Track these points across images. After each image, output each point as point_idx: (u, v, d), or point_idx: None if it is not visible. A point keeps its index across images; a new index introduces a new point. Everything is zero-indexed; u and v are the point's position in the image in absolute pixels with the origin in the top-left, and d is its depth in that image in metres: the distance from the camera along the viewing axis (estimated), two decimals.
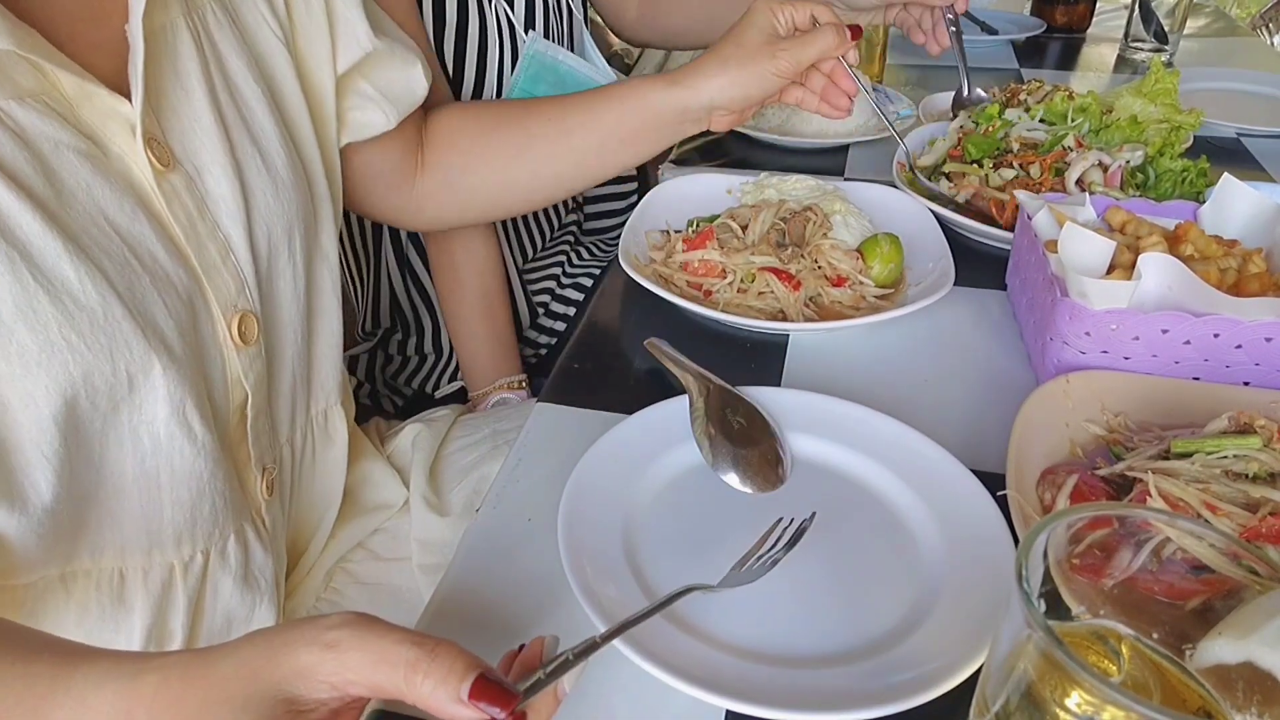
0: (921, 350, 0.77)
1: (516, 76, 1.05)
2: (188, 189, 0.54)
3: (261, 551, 0.63)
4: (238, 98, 0.60)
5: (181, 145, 0.55)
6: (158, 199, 0.53)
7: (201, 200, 0.55)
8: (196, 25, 0.57)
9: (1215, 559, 0.37)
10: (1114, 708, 0.30)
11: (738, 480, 0.60)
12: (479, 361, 1.09)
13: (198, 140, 0.56)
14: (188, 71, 0.56)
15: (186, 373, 0.53)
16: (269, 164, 0.60)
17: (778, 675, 0.47)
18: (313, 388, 0.70)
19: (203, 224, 0.55)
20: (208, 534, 0.59)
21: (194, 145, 0.56)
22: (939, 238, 0.85)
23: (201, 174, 0.56)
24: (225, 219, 0.57)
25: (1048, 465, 0.58)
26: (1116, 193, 0.89)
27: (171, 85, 0.55)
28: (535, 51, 1.04)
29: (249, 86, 0.60)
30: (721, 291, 0.80)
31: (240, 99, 0.60)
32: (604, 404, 0.70)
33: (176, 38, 0.56)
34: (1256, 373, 0.65)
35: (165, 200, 0.53)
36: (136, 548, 0.55)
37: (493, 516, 0.60)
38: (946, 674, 0.45)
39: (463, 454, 0.85)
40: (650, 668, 0.45)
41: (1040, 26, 1.67)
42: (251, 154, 0.59)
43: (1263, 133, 1.19)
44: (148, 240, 0.52)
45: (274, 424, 0.65)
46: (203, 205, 0.55)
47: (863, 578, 0.54)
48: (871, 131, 1.17)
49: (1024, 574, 0.34)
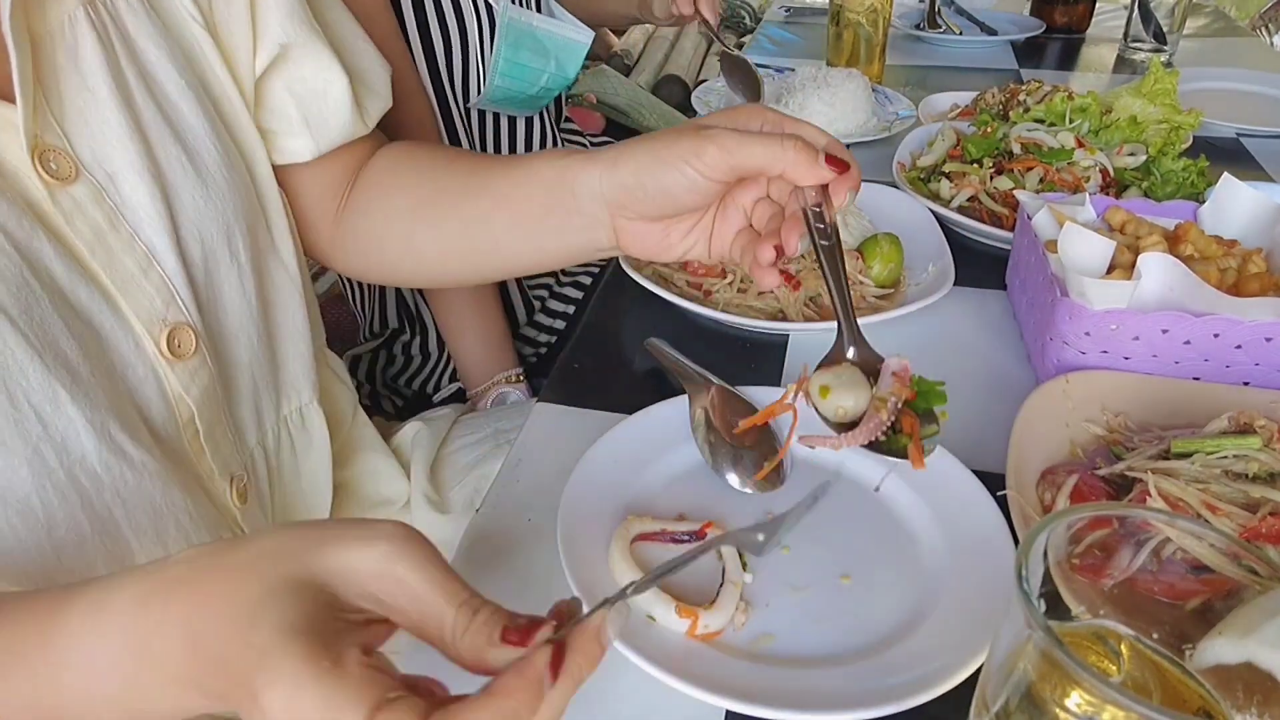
0: (921, 350, 0.77)
1: (498, 47, 1.05)
2: (95, 200, 0.50)
3: None
4: (157, 93, 0.54)
5: (90, 151, 0.50)
6: (56, 215, 0.49)
7: (114, 211, 0.51)
8: (102, 15, 0.52)
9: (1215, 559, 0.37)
10: (1114, 708, 0.30)
11: (738, 480, 0.60)
12: (473, 357, 1.09)
13: (108, 145, 0.51)
14: (91, 69, 0.51)
15: (100, 396, 0.49)
16: (196, 163, 0.56)
17: (778, 675, 0.47)
18: (281, 388, 0.67)
19: (115, 236, 0.51)
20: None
21: (104, 150, 0.51)
22: (939, 238, 0.86)
23: (115, 180, 0.51)
24: (146, 228, 0.52)
25: (1048, 465, 0.58)
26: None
27: (73, 86, 0.50)
28: (510, 19, 1.05)
29: (171, 80, 0.55)
30: (721, 291, 0.80)
31: (160, 94, 0.55)
32: (604, 404, 0.70)
33: (76, 32, 0.50)
34: (1256, 373, 0.65)
35: (65, 216, 0.49)
36: None
37: (493, 516, 0.60)
38: (946, 674, 0.45)
39: (464, 453, 0.85)
40: (650, 668, 0.45)
41: (1040, 27, 1.67)
42: (175, 154, 0.54)
43: (1262, 133, 1.19)
44: (46, 257, 0.48)
45: (237, 431, 0.62)
46: (115, 216, 0.51)
47: (863, 578, 0.54)
48: (872, 132, 1.17)
49: (1024, 574, 0.34)
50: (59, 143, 0.49)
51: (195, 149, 0.56)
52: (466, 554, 0.57)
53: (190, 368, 0.55)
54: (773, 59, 1.58)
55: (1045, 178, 0.93)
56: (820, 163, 0.50)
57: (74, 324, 0.49)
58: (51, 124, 0.49)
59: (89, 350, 0.49)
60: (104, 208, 0.51)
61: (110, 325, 0.51)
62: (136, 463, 0.51)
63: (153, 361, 0.53)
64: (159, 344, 0.53)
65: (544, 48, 1.09)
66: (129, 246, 0.52)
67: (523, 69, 1.09)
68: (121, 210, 0.52)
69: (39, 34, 0.48)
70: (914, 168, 1.03)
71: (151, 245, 0.53)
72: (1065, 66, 1.60)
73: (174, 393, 0.55)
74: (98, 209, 0.50)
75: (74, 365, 0.48)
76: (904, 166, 1.03)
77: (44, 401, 0.47)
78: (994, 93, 1.17)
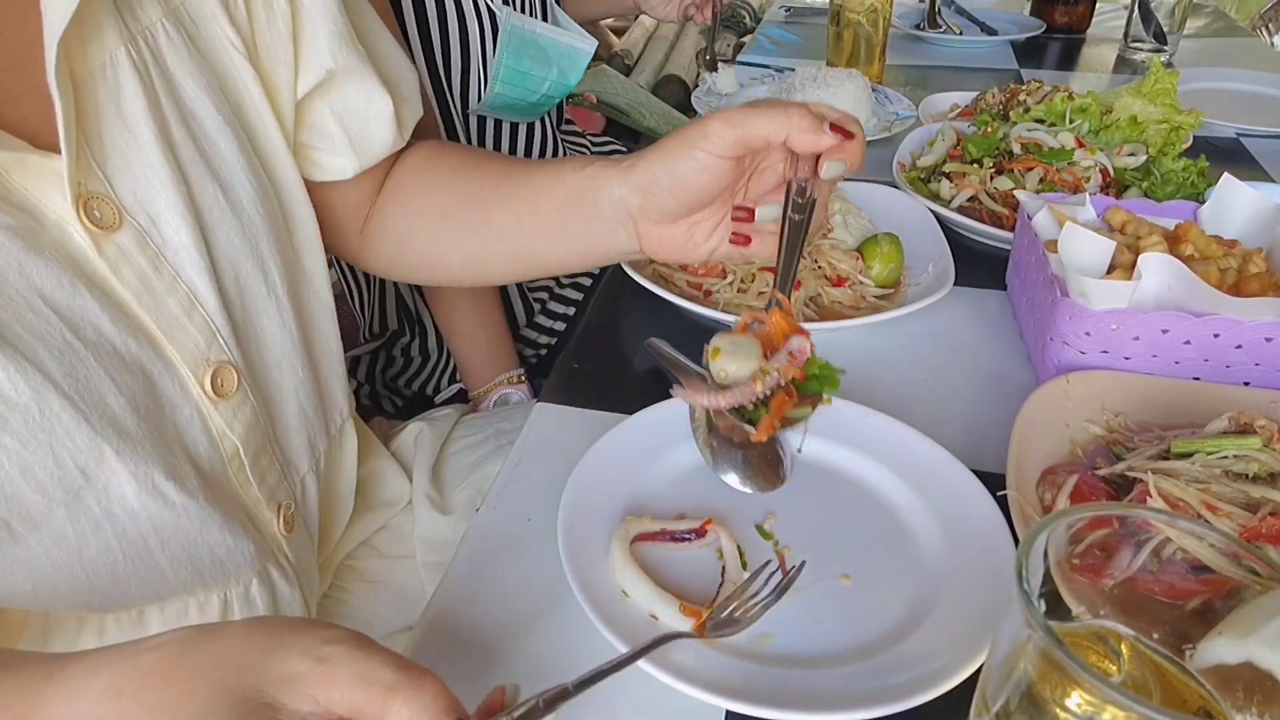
0: (921, 350, 0.77)
1: (500, 54, 1.05)
2: (139, 246, 0.49)
3: (288, 587, 0.61)
4: (195, 130, 0.53)
5: (133, 195, 0.49)
6: (100, 265, 0.48)
7: (157, 255, 0.50)
8: (143, 53, 0.50)
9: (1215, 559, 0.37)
10: (1114, 708, 0.30)
11: (738, 480, 0.60)
12: (474, 358, 1.09)
13: (151, 188, 0.50)
14: (134, 112, 0.50)
15: (146, 448, 0.49)
16: (232, 199, 0.55)
17: (778, 675, 0.47)
18: (327, 413, 0.67)
19: (159, 280, 0.50)
20: (220, 581, 0.56)
21: (147, 194, 0.50)
22: (939, 238, 0.85)
23: (157, 224, 0.50)
24: (187, 269, 0.52)
25: (1048, 465, 0.58)
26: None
27: (116, 130, 0.49)
28: (512, 26, 1.05)
29: (209, 116, 0.54)
30: (721, 291, 0.80)
31: (198, 131, 0.54)
32: (604, 404, 0.70)
33: (118, 74, 0.49)
34: (1256, 373, 0.65)
35: (111, 265, 0.48)
36: (144, 599, 0.54)
37: (493, 516, 0.60)
38: (946, 674, 0.45)
39: (466, 453, 0.85)
40: (650, 668, 0.45)
41: (1040, 27, 1.67)
42: (212, 191, 0.54)
43: (1263, 133, 1.19)
44: (91, 314, 0.47)
45: (285, 460, 0.61)
46: (159, 260, 0.50)
47: (863, 578, 0.54)
48: (872, 131, 1.17)
49: (1024, 574, 0.34)
50: (102, 189, 0.48)
51: (230, 185, 0.55)
52: (467, 555, 0.57)
53: (232, 406, 0.55)
54: (773, 59, 1.58)
55: (1045, 178, 0.93)
56: (824, 129, 0.50)
57: (121, 377, 0.48)
58: (94, 170, 0.48)
59: (137, 402, 0.49)
60: (148, 253, 0.50)
61: (158, 371, 0.50)
62: (175, 505, 0.51)
63: (197, 402, 0.53)
64: (203, 385, 0.53)
65: (546, 55, 1.09)
66: (172, 289, 0.51)
67: (524, 76, 1.09)
68: (163, 253, 0.51)
69: (80, 76, 0.47)
70: (914, 168, 1.03)
71: (193, 286, 0.52)
72: (1065, 66, 1.60)
73: (218, 430, 0.54)
74: (142, 255, 0.50)
75: (121, 421, 0.48)
76: (904, 166, 1.03)
77: (89, 460, 0.46)
78: (994, 93, 1.17)
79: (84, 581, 0.49)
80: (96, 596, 0.51)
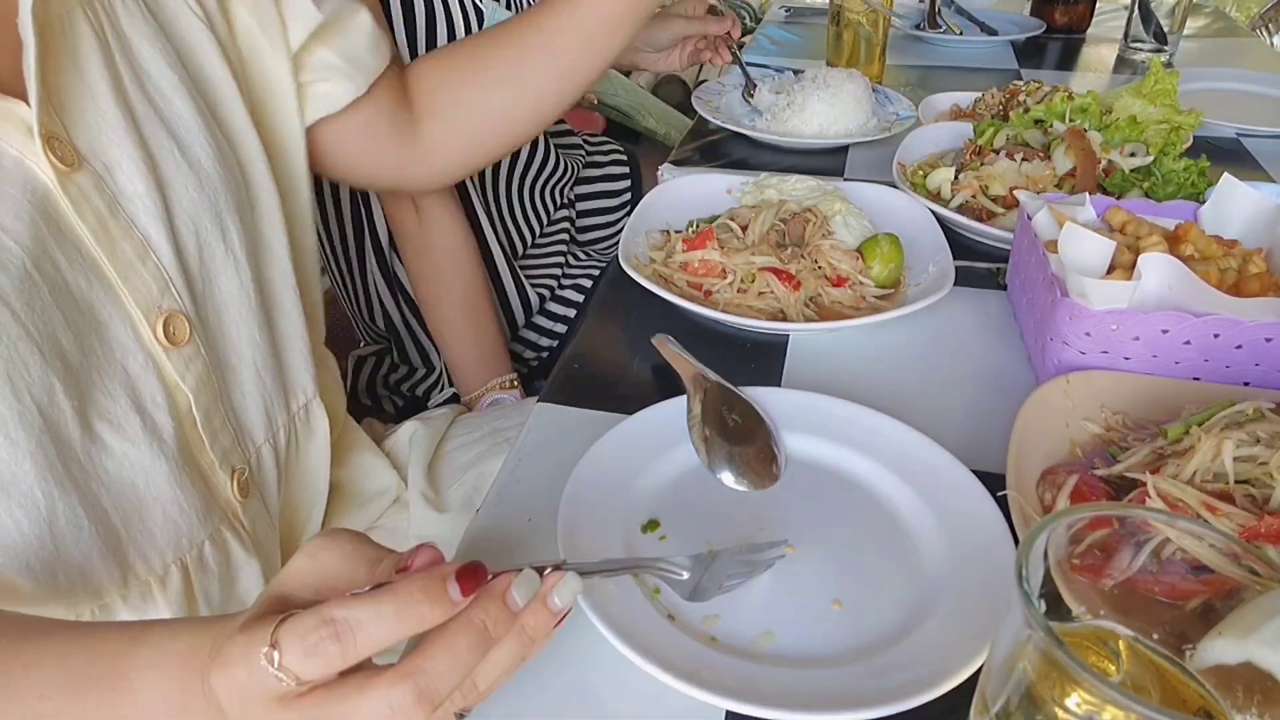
0: (921, 350, 0.77)
1: None
2: (96, 188, 0.51)
3: (243, 553, 0.62)
4: (150, 88, 0.56)
5: (87, 143, 0.52)
6: (63, 201, 0.50)
7: (113, 199, 0.52)
8: (99, 15, 0.54)
9: (1215, 559, 0.37)
10: (1114, 708, 0.30)
11: (732, 478, 0.60)
12: (467, 363, 1.09)
13: (104, 136, 0.52)
14: (88, 64, 0.52)
15: (86, 388, 0.50)
16: (189, 156, 0.57)
17: (778, 675, 0.47)
18: (288, 385, 0.68)
19: (115, 223, 0.52)
20: (174, 543, 0.57)
21: (100, 142, 0.52)
22: (939, 238, 0.85)
23: (111, 171, 0.52)
24: (141, 216, 0.54)
25: (1048, 465, 0.58)
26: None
27: (72, 80, 0.52)
28: (499, 21, 1.04)
29: (164, 76, 0.57)
30: (721, 291, 0.80)
31: (154, 89, 0.56)
32: (604, 404, 0.70)
33: (73, 30, 0.52)
34: (1256, 373, 0.65)
35: (71, 202, 0.50)
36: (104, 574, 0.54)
37: (493, 516, 0.60)
38: (946, 674, 0.45)
39: (461, 451, 0.85)
40: (650, 668, 0.45)
41: (1040, 27, 1.67)
42: (168, 147, 0.56)
43: (1263, 133, 1.19)
44: (50, 248, 0.49)
45: (240, 424, 0.63)
46: (114, 204, 0.52)
47: (863, 578, 0.54)
48: (872, 131, 1.17)
49: (1024, 574, 0.34)
50: (60, 133, 0.50)
51: (187, 142, 0.57)
52: (467, 555, 0.57)
53: (185, 355, 0.56)
54: (773, 59, 1.58)
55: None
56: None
57: (72, 314, 0.50)
58: (52, 115, 0.50)
59: (83, 341, 0.50)
60: (105, 196, 0.52)
61: (109, 313, 0.52)
62: (117, 454, 0.52)
63: (149, 348, 0.54)
64: (155, 330, 0.54)
65: None
66: (127, 234, 0.53)
67: None
68: (119, 199, 0.53)
69: (39, 27, 0.49)
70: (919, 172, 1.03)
71: (147, 234, 0.54)
72: (1065, 66, 1.60)
73: (171, 380, 0.56)
74: (99, 197, 0.52)
75: (67, 356, 0.49)
76: (904, 167, 1.03)
77: (42, 393, 0.48)
78: (994, 93, 1.17)
79: (53, 553, 0.50)
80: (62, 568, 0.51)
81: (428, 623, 0.36)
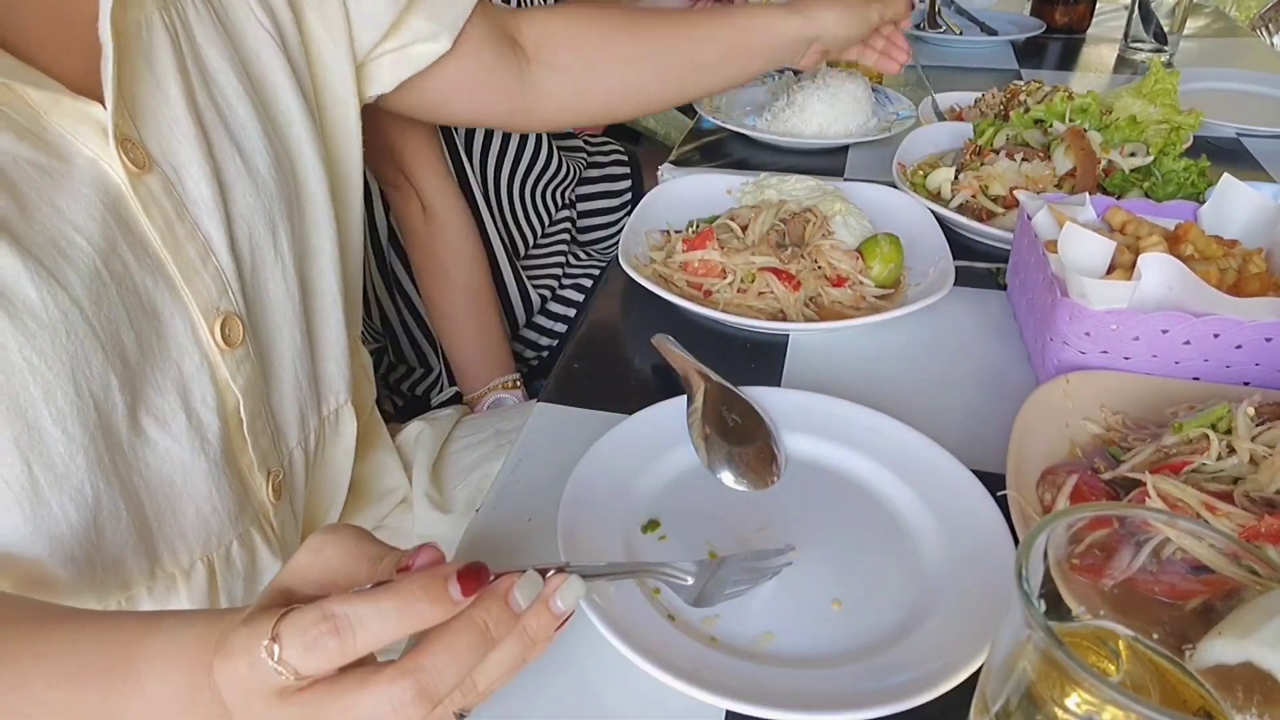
0: (921, 350, 0.77)
1: None
2: (165, 191, 0.53)
3: (269, 555, 0.63)
4: (217, 95, 0.58)
5: (158, 146, 0.53)
6: (134, 202, 0.51)
7: (180, 202, 0.54)
8: (174, 20, 0.55)
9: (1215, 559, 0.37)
10: (1114, 708, 0.30)
11: (732, 478, 0.60)
12: (470, 361, 1.09)
13: (175, 140, 0.54)
14: (163, 70, 0.54)
15: (139, 384, 0.51)
16: (248, 163, 0.59)
17: (778, 675, 0.47)
18: (321, 390, 0.69)
19: (181, 226, 0.54)
20: (204, 540, 0.58)
21: (171, 145, 0.54)
22: (939, 238, 0.85)
23: (179, 174, 0.54)
24: (205, 219, 0.55)
25: (1048, 465, 0.58)
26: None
27: (146, 84, 0.53)
28: None
29: (230, 84, 0.58)
30: (721, 291, 0.80)
31: (220, 96, 0.58)
32: (604, 404, 0.70)
33: (151, 34, 0.54)
34: (1256, 373, 0.65)
35: (142, 204, 0.51)
36: (134, 567, 0.55)
37: (493, 516, 0.60)
38: (946, 674, 0.45)
39: (466, 452, 0.85)
40: (650, 668, 0.45)
41: (1040, 27, 1.67)
42: (230, 153, 0.57)
43: (1263, 133, 1.19)
44: (119, 246, 0.50)
45: (278, 427, 0.64)
46: (181, 207, 0.54)
47: (863, 578, 0.54)
48: (872, 132, 1.17)
49: (1024, 574, 0.34)
50: (133, 135, 0.51)
51: (248, 150, 0.59)
52: (467, 555, 0.57)
53: (237, 357, 0.57)
54: None
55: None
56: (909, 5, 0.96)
57: (135, 312, 0.51)
58: (127, 118, 0.51)
59: (143, 339, 0.52)
60: (173, 198, 0.53)
61: (170, 312, 0.54)
62: (159, 449, 0.53)
63: (206, 349, 0.56)
64: (213, 332, 0.56)
65: None
66: (191, 236, 0.54)
67: None
68: (185, 202, 0.54)
69: (118, 32, 0.50)
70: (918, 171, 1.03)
71: (209, 237, 0.55)
72: (1065, 66, 1.59)
73: (222, 380, 0.57)
74: (167, 199, 0.53)
75: (127, 353, 0.50)
76: (904, 167, 1.03)
77: (100, 389, 0.49)
78: (994, 93, 1.17)
79: (94, 544, 0.51)
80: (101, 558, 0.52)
81: (428, 621, 0.36)
